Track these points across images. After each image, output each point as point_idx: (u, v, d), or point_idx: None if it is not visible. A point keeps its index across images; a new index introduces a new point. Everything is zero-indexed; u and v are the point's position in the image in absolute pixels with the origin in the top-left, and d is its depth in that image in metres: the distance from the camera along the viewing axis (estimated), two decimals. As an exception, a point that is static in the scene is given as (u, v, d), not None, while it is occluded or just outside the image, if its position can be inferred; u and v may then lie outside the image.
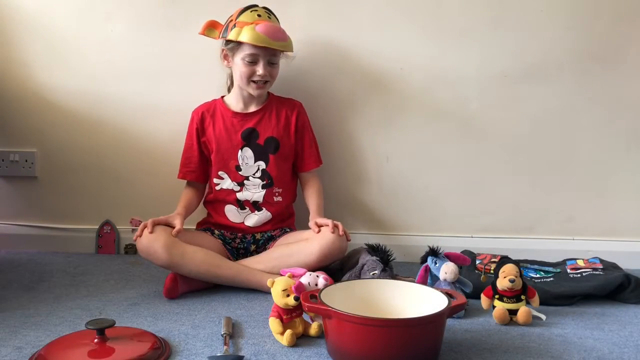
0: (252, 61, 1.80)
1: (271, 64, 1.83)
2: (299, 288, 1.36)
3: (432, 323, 1.25)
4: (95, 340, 1.26)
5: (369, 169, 2.12)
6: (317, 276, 1.48)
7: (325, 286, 1.39)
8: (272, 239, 1.90)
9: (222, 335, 1.39)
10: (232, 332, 1.42)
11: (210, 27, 1.84)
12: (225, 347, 1.32)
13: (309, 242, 1.74)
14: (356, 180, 2.13)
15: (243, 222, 1.89)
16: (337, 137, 2.10)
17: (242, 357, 1.29)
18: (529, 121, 2.07)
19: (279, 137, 1.89)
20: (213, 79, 1.99)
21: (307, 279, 1.46)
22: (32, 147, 2.15)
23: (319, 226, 1.78)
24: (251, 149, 1.87)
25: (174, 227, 1.74)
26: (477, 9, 2.03)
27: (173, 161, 1.95)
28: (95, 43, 2.09)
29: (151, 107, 2.10)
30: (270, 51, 1.80)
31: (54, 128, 2.13)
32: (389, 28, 2.05)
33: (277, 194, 1.90)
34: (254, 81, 1.83)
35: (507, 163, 2.10)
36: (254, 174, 1.88)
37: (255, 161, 1.87)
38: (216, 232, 1.90)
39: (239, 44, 1.79)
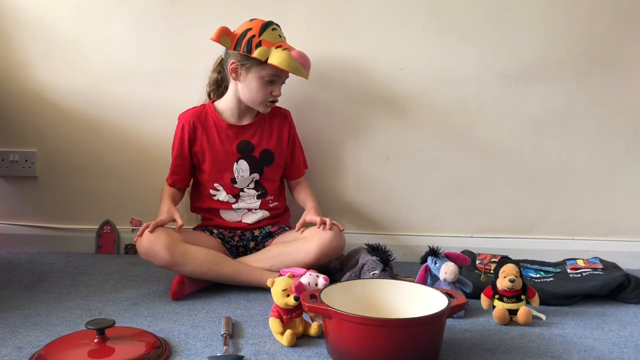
0: (271, 81, 1.80)
1: (283, 83, 1.86)
2: (299, 288, 1.36)
3: (432, 323, 1.25)
4: (95, 340, 1.26)
5: (369, 169, 2.12)
6: (317, 276, 1.49)
7: (325, 286, 1.39)
8: (270, 235, 1.90)
9: (222, 335, 1.40)
10: (232, 332, 1.42)
11: (225, 35, 1.76)
12: (225, 347, 1.32)
13: (307, 241, 1.75)
14: (356, 180, 2.13)
15: (241, 220, 1.89)
16: (337, 137, 2.10)
17: (242, 357, 1.29)
18: (528, 121, 2.07)
19: (274, 150, 1.90)
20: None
21: (307, 279, 1.46)
22: (32, 147, 2.15)
23: (305, 223, 1.80)
24: (247, 161, 1.87)
25: (174, 225, 1.74)
26: (476, 9, 2.03)
27: (173, 161, 1.95)
28: (95, 43, 2.09)
29: (151, 107, 2.10)
30: (287, 74, 1.82)
31: (54, 128, 2.13)
32: (389, 28, 2.05)
33: (271, 200, 1.92)
34: (268, 100, 1.83)
35: (507, 163, 2.10)
36: (247, 185, 1.88)
37: (250, 173, 1.88)
38: (215, 231, 1.90)
39: (260, 62, 1.76)
